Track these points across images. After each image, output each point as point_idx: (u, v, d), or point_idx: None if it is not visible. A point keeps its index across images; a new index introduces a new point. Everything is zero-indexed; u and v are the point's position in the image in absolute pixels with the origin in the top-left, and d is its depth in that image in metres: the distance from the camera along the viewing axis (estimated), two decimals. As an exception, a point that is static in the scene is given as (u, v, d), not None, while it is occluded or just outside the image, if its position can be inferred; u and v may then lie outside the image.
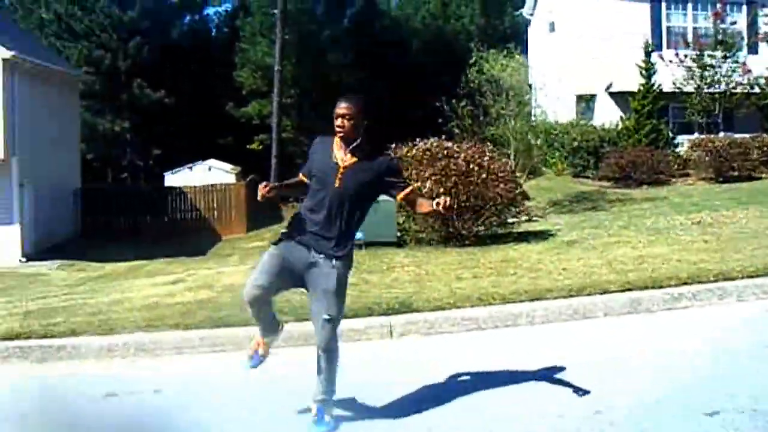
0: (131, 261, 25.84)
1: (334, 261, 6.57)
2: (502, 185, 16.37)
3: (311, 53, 54.86)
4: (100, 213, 37.74)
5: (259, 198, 6.78)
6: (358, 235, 15.33)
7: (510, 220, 17.40)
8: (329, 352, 6.66)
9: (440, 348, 9.15)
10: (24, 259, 29.48)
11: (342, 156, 6.62)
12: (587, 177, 30.18)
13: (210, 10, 70.21)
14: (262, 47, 55.94)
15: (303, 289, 6.81)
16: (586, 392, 6.90)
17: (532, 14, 42.04)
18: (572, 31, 35.35)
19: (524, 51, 38.78)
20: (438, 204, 6.29)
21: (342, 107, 6.57)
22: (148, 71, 55.34)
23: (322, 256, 6.57)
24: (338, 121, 6.55)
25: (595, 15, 33.42)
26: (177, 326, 10.13)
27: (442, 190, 15.64)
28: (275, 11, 49.21)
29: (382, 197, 6.99)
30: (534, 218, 18.94)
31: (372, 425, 6.70)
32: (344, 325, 9.45)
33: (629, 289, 10.38)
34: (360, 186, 6.59)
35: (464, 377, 7.75)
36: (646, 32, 31.95)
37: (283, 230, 6.88)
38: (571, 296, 10.31)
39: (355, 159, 6.61)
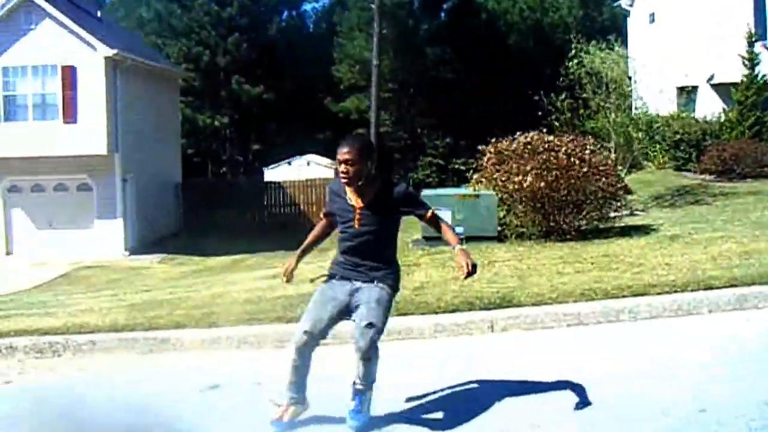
0: (232, 255, 26.18)
1: (377, 283, 6.63)
2: (603, 179, 16.19)
3: (408, 48, 54.96)
4: (201, 207, 38.31)
5: (284, 281, 7.15)
6: (459, 230, 15.37)
7: (611, 215, 17.20)
8: (368, 361, 6.55)
9: (542, 343, 9.09)
10: (127, 253, 30.10)
11: (355, 198, 6.68)
12: (689, 170, 29.71)
13: (307, 6, 70.88)
14: (359, 42, 56.23)
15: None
16: (690, 389, 6.77)
17: (631, 5, 41.50)
18: (673, 22, 34.84)
19: (623, 43, 38.39)
20: (461, 268, 6.44)
21: (343, 153, 6.55)
22: (247, 67, 56.01)
23: (365, 283, 6.64)
24: (342, 168, 6.58)
25: (696, 5, 32.89)
26: (279, 320, 10.22)
27: (543, 183, 15.56)
28: (372, 6, 49.27)
29: (483, 191, 6.99)
30: (635, 212, 18.74)
31: (477, 422, 6.65)
32: (446, 319, 9.56)
33: (734, 285, 10.17)
34: (380, 222, 6.66)
35: (566, 373, 7.67)
36: (749, 21, 31.29)
37: (326, 273, 6.93)
38: (675, 292, 10.14)
39: (368, 198, 6.65)
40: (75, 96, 29.77)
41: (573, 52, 28.04)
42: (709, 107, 32.44)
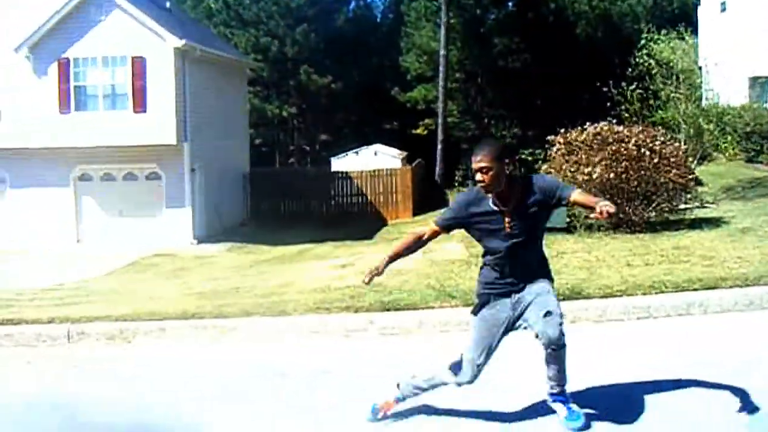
0: (299, 244, 26.31)
1: (536, 280, 6.46)
2: (674, 171, 16.04)
3: (476, 37, 54.82)
4: (268, 197, 38.58)
5: (366, 282, 6.82)
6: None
7: (681, 207, 17.06)
8: (560, 350, 6.31)
9: (612, 335, 9.05)
10: (195, 242, 30.36)
11: (500, 204, 6.32)
12: (760, 162, 29.31)
13: (374, -4, 70.79)
14: (426, 32, 56.15)
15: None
16: (763, 386, 6.67)
17: (703, -6, 41.08)
18: (745, 10, 34.38)
19: (694, 32, 37.97)
20: (601, 212, 5.97)
21: (477, 161, 6.22)
22: (315, 57, 56.15)
23: (523, 290, 6.41)
24: (478, 176, 6.24)
25: (770, -6, 32.45)
26: (347, 309, 10.28)
27: (612, 175, 15.49)
28: (440, -5, 49.30)
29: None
30: (706, 205, 18.53)
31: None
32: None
33: (808, 279, 10.06)
34: (530, 225, 6.38)
35: (635, 366, 7.63)
36: (826, 10, 30.88)
37: (479, 293, 6.67)
38: (747, 285, 10.03)
39: (514, 201, 6.29)
40: (144, 86, 30.05)
41: (642, 41, 27.82)
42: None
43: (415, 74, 57.66)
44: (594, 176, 15.48)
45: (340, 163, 43.70)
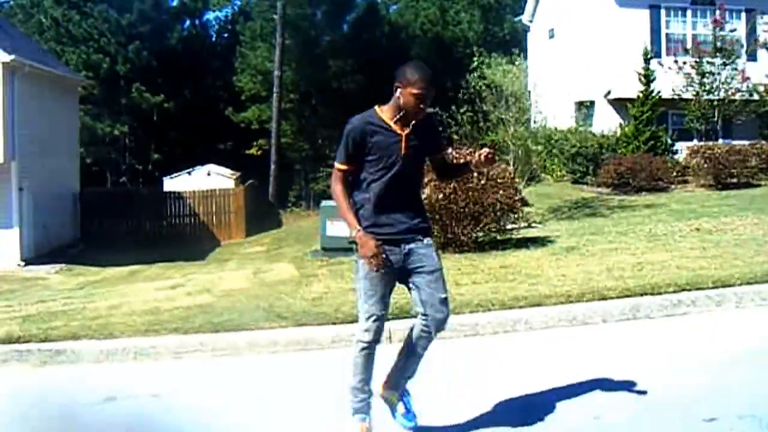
0: (130, 265, 25.90)
1: (425, 239, 6.21)
2: (501, 191, 16.35)
3: (311, 58, 55.03)
4: (99, 217, 37.86)
5: (376, 270, 6.00)
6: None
7: (509, 226, 17.39)
8: (435, 336, 6.30)
9: (441, 353, 9.13)
10: (23, 263, 29.54)
11: (398, 127, 6.14)
12: (586, 183, 30.16)
13: (210, 15, 70.35)
14: (262, 52, 56.17)
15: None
16: (584, 398, 6.91)
17: (531, 21, 42.08)
18: (572, 38, 35.42)
19: (524, 57, 38.87)
20: (480, 155, 6.08)
21: (424, 80, 6.11)
22: (147, 76, 55.52)
23: (413, 242, 6.13)
24: (419, 93, 6.06)
25: (594, 22, 33.48)
26: (176, 331, 10.14)
27: (441, 195, 15.68)
28: (275, 16, 49.31)
29: None
30: (533, 224, 18.95)
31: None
32: (344, 330, 9.55)
33: (628, 296, 10.36)
34: (422, 155, 6.31)
35: (460, 383, 7.75)
36: (645, 39, 31.92)
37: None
38: (570, 302, 10.30)
39: (412, 126, 6.15)
40: (-30, 102, 29.20)
41: (475, 64, 28.28)
42: (606, 122, 32.99)
43: (249, 94, 57.55)
44: (423, 197, 15.61)
45: (172, 183, 43.23)
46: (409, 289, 6.29)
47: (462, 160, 6.24)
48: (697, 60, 31.12)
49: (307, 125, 56.99)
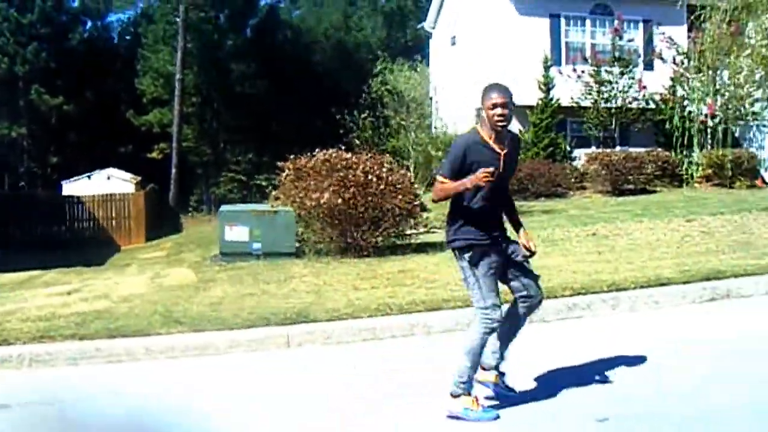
0: (27, 271, 25.38)
1: (509, 237, 6.98)
2: (400, 197, 16.41)
3: (213, 62, 54.78)
4: (-4, 222, 37.07)
5: (482, 180, 6.46)
6: (256, 245, 15.33)
7: (408, 231, 17.46)
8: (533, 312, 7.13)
9: (337, 357, 9.17)
10: None
11: (497, 145, 6.69)
12: (487, 188, 30.39)
13: (112, 17, 69.49)
14: (164, 55, 55.69)
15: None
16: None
17: (433, 28, 42.28)
18: (473, 45, 35.66)
19: (426, 64, 39.09)
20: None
21: (500, 97, 6.61)
22: (47, 77, 54.61)
23: (504, 242, 6.88)
24: (499, 111, 6.58)
25: (495, 29, 33.74)
26: (73, 337, 9.98)
27: (340, 200, 15.68)
28: (177, 19, 48.93)
29: (281, 208, 6.96)
30: (432, 229, 19.02)
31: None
32: (242, 335, 9.52)
33: (525, 298, 10.48)
34: (512, 171, 6.93)
35: (353, 385, 7.77)
36: (546, 47, 32.29)
37: (470, 242, 6.83)
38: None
39: (505, 144, 6.75)
40: None
41: (377, 70, 28.37)
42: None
43: (151, 97, 57.01)
44: (322, 202, 15.64)
45: (72, 187, 42.57)
46: (509, 280, 6.95)
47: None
48: (596, 68, 31.64)
49: (209, 129, 56.68)
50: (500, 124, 6.57)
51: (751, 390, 7.18)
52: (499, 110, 6.53)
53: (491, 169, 6.38)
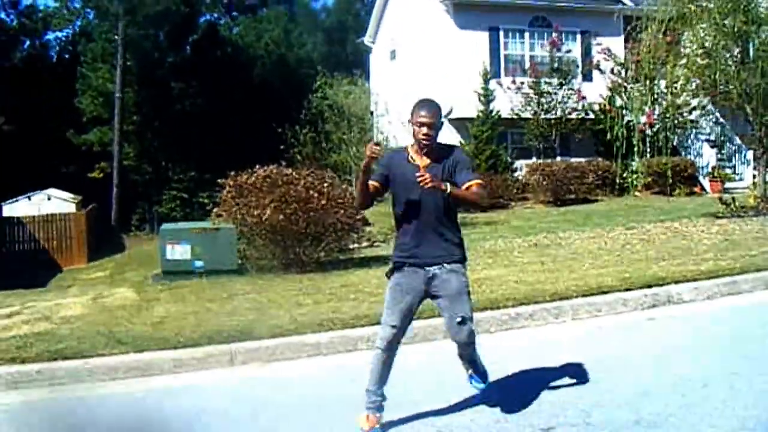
0: (-35, 294, 25.07)
1: (451, 266, 6.71)
2: (342, 211, 16.40)
3: (153, 80, 54.50)
4: (-69, 244, 36.59)
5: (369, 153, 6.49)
6: (199, 263, 15.25)
7: (351, 246, 17.48)
8: (471, 345, 6.91)
9: (281, 375, 9.14)
10: None
11: (420, 159, 6.69)
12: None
13: (51, 36, 68.86)
14: (103, 73, 55.26)
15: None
16: (427, 415, 7.06)
17: (373, 42, 42.40)
18: (413, 59, 35.80)
19: (366, 78, 39.18)
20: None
21: (427, 116, 6.65)
22: (-17, 96, 53.98)
23: (437, 267, 6.69)
24: (424, 130, 6.62)
25: (434, 43, 33.90)
26: (13, 360, 9.84)
27: (282, 216, 15.64)
28: (116, 37, 48.61)
29: (223, 225, 6.94)
30: (375, 244, 19.08)
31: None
32: (185, 354, 9.46)
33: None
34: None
35: (304, 403, 7.75)
36: (485, 60, 32.48)
37: (394, 258, 6.90)
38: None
39: (431, 159, 6.69)
40: None
41: (318, 85, 28.37)
42: (448, 141, 33.25)
43: (90, 116, 56.54)
44: (264, 218, 15.60)
45: (12, 208, 42.06)
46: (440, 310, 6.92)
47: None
48: (535, 80, 31.92)
49: (150, 147, 56.32)
50: (425, 141, 6.61)
51: (683, 398, 7.31)
52: (425, 129, 6.59)
53: (374, 146, 6.45)
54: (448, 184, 6.48)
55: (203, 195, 36.52)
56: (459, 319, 6.64)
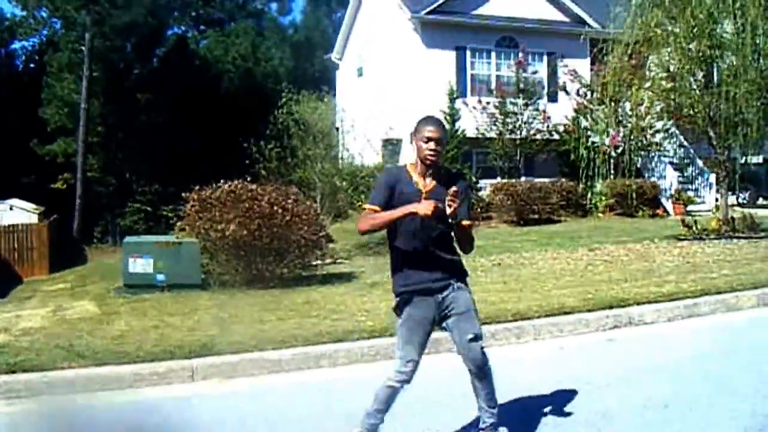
0: (-77, 306, 24.82)
1: (456, 283, 6.52)
2: (305, 228, 16.37)
3: (120, 91, 54.29)
4: None
5: (429, 213, 6.05)
6: (161, 277, 15.16)
7: (314, 263, 17.44)
8: (485, 368, 6.56)
9: (242, 392, 9.11)
10: None
11: (422, 181, 6.45)
12: (392, 219, 30.46)
13: (17, 45, 68.43)
14: (68, 84, 54.97)
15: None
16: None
17: (340, 59, 42.48)
18: (379, 76, 35.87)
19: (333, 94, 39.21)
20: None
21: (433, 131, 6.39)
22: (-53, 105, 53.62)
23: (446, 291, 6.47)
24: (431, 145, 6.36)
25: (401, 61, 33.97)
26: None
27: (245, 232, 15.59)
28: (83, 48, 48.39)
29: (186, 239, 6.78)
30: (339, 261, 19.06)
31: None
32: (145, 368, 9.40)
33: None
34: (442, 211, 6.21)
35: (265, 419, 7.73)
36: (451, 79, 32.58)
37: (398, 290, 6.57)
38: (374, 337, 10.41)
39: (434, 182, 6.44)
40: None
41: (284, 100, 28.34)
42: (413, 159, 33.34)
43: (55, 126, 56.18)
44: (227, 233, 15.54)
45: (-29, 219, 41.67)
46: (450, 332, 6.61)
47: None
48: (501, 100, 32.08)
49: (114, 159, 56.04)
50: (431, 158, 6.34)
51: (644, 418, 7.40)
52: (432, 145, 6.32)
53: (437, 204, 6.05)
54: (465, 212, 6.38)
55: (167, 208, 36.27)
56: (471, 336, 6.43)
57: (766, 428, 6.93)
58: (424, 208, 5.99)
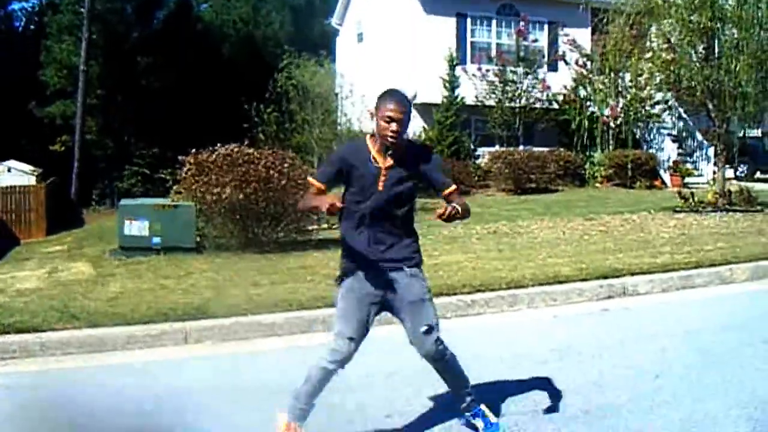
0: None
1: (409, 269, 5.98)
2: (302, 192, 16.33)
3: (119, 54, 53.99)
4: None
5: (328, 210, 5.47)
6: (156, 240, 15.15)
7: (309, 228, 17.44)
8: (442, 360, 6.08)
9: (239, 352, 9.13)
10: None
11: (381, 159, 5.91)
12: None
13: (16, 6, 68.19)
14: (68, 45, 54.67)
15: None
16: (379, 399, 7.04)
17: (340, 24, 42.29)
18: (380, 42, 35.75)
19: (333, 60, 39.10)
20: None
21: (396, 110, 5.77)
22: (-55, 66, 53.42)
23: (396, 271, 5.95)
24: (393, 126, 5.75)
25: (401, 27, 33.86)
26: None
27: (241, 195, 15.58)
28: (82, 9, 48.15)
29: (181, 202, 6.60)
30: (334, 226, 19.00)
31: None
32: (138, 330, 9.41)
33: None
34: (405, 186, 5.95)
35: (256, 384, 7.75)
36: (452, 46, 32.47)
37: (343, 263, 6.18)
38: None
39: (395, 158, 5.91)
40: None
41: (283, 64, 28.27)
42: (412, 125, 33.25)
43: (54, 89, 55.90)
44: (224, 196, 15.52)
45: (-31, 180, 41.63)
46: (401, 321, 6.11)
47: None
48: (501, 68, 32.01)
49: (113, 122, 55.83)
50: (391, 139, 5.79)
51: (635, 389, 7.40)
52: (393, 126, 5.77)
53: (337, 203, 5.47)
54: (459, 208, 5.77)
55: (165, 172, 36.18)
56: (425, 328, 5.90)
57: (756, 400, 6.94)
58: (324, 205, 5.46)
